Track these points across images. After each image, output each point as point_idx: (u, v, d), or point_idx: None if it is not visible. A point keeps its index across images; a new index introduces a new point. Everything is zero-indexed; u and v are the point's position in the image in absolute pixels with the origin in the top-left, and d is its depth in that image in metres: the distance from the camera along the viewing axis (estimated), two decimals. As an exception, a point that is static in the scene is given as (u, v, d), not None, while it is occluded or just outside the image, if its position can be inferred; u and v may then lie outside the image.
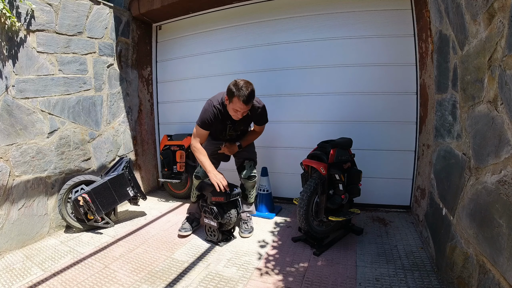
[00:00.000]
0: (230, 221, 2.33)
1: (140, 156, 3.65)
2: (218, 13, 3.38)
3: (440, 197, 1.91)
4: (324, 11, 2.93)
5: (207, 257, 2.15)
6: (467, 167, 1.44)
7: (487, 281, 1.17)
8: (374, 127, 2.88)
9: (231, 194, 2.27)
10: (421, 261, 1.97)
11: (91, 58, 2.96)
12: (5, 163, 2.22)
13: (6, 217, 2.22)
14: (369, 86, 2.85)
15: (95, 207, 2.54)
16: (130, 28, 3.44)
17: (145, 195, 2.98)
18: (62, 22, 2.64)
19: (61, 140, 2.67)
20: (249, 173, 2.55)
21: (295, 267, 1.99)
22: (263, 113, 2.43)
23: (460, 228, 1.50)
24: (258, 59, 3.22)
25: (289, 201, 3.20)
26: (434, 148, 2.14)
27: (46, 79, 2.55)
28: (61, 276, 1.93)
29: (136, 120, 3.59)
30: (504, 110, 1.08)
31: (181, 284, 1.82)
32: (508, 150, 1.06)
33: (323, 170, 2.14)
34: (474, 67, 1.35)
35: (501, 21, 1.07)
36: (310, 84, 3.04)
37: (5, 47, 2.23)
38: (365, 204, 2.96)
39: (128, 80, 3.45)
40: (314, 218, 2.23)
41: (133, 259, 2.15)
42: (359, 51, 2.85)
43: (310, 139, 2.90)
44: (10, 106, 2.28)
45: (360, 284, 1.76)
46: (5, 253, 2.22)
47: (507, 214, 1.05)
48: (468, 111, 1.46)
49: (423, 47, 2.51)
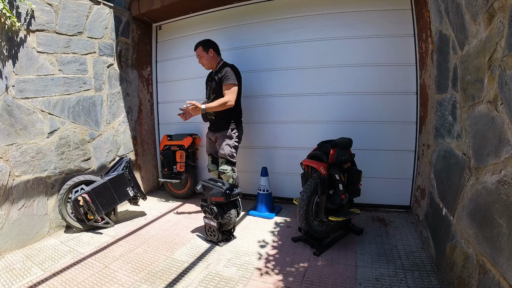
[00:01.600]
0: (230, 221, 2.33)
1: (140, 156, 3.65)
2: (218, 13, 3.38)
3: (440, 197, 1.91)
4: (324, 11, 2.93)
5: (207, 257, 2.15)
6: (467, 167, 1.45)
7: (487, 281, 1.17)
8: (374, 127, 2.88)
9: (231, 194, 2.27)
10: (421, 261, 1.97)
11: (91, 58, 2.96)
12: (5, 163, 2.22)
13: (6, 217, 2.22)
14: (369, 86, 2.85)
15: (95, 207, 2.54)
16: (130, 28, 3.45)
17: (145, 195, 2.98)
18: (62, 22, 2.64)
19: (61, 140, 2.67)
20: (220, 168, 2.76)
21: (295, 267, 1.99)
22: (225, 73, 2.65)
23: (460, 228, 1.50)
24: (258, 59, 3.22)
25: (289, 201, 3.19)
26: (434, 148, 2.14)
27: (46, 79, 2.55)
28: (61, 276, 1.93)
29: (136, 120, 3.59)
30: (504, 110, 1.08)
31: (181, 284, 1.82)
32: (508, 150, 1.06)
33: (323, 170, 2.14)
34: (474, 67, 1.35)
35: (501, 21, 1.07)
36: (310, 84, 3.04)
37: (5, 47, 2.23)
38: (365, 204, 2.96)
39: (128, 80, 3.45)
40: (314, 218, 2.23)
41: (133, 259, 2.15)
42: (359, 51, 2.85)
43: (310, 139, 2.90)
44: (10, 106, 2.28)
45: (360, 284, 1.76)
46: (5, 253, 2.22)
47: (507, 214, 1.05)
48: (468, 111, 1.46)
49: (423, 47, 2.51)
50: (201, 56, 2.76)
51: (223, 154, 2.73)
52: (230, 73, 2.64)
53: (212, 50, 2.75)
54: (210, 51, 2.74)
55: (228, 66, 2.70)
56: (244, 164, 3.44)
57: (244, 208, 3.05)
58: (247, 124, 3.35)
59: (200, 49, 2.75)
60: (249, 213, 2.99)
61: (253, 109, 3.30)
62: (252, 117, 3.31)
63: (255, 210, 3.00)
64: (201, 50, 2.74)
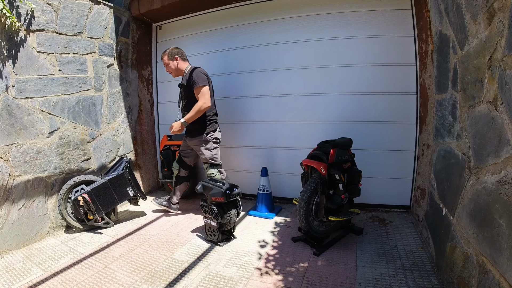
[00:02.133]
0: (230, 221, 2.33)
1: (140, 156, 3.65)
2: (218, 13, 3.38)
3: (440, 197, 1.91)
4: (324, 11, 2.93)
5: (207, 257, 2.15)
6: (467, 167, 1.45)
7: (487, 281, 1.17)
8: (374, 127, 2.88)
9: (231, 194, 2.27)
10: (421, 261, 1.97)
11: (91, 58, 2.96)
12: (5, 163, 2.22)
13: (6, 217, 2.22)
14: (369, 86, 2.85)
15: (95, 207, 2.54)
16: (130, 28, 3.45)
17: (145, 195, 2.98)
18: (62, 22, 2.64)
19: (61, 140, 2.67)
20: (206, 173, 2.82)
21: (295, 267, 1.99)
22: (191, 77, 2.67)
23: (460, 228, 1.50)
24: (258, 59, 3.22)
25: (289, 201, 3.20)
26: (434, 148, 2.14)
27: (46, 79, 2.55)
28: (61, 276, 1.93)
29: (136, 120, 3.59)
30: (504, 110, 1.08)
31: (181, 284, 1.82)
32: (508, 150, 1.06)
33: (323, 170, 2.14)
34: (474, 67, 1.35)
35: (501, 21, 1.07)
36: (310, 84, 3.04)
37: (5, 47, 2.23)
38: (365, 204, 2.96)
39: (128, 80, 3.45)
40: (314, 218, 2.23)
41: (133, 259, 2.15)
42: (359, 51, 2.85)
43: (310, 139, 2.90)
44: (10, 106, 2.27)
45: (360, 284, 1.76)
46: (5, 253, 2.22)
47: (507, 214, 1.05)
48: (468, 111, 1.46)
49: (423, 47, 2.51)
50: (167, 64, 2.77)
51: (204, 159, 2.79)
52: (197, 76, 2.65)
53: (177, 57, 2.76)
54: (175, 58, 2.75)
55: (194, 70, 2.71)
56: (244, 164, 3.44)
57: (244, 208, 3.05)
58: (247, 124, 3.36)
59: (166, 58, 2.77)
60: (249, 213, 2.99)
61: (253, 109, 3.30)
62: (252, 117, 3.31)
63: (255, 210, 3.00)
64: (166, 59, 2.77)
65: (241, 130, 3.40)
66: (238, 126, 3.40)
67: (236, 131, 3.41)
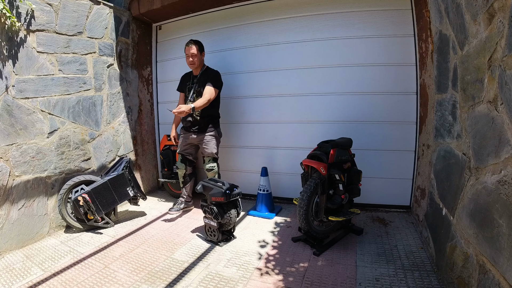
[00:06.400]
0: (230, 221, 2.33)
1: (140, 156, 3.65)
2: (218, 13, 3.38)
3: (440, 197, 1.91)
4: (324, 11, 2.93)
5: (207, 257, 2.15)
6: (467, 167, 1.45)
7: (487, 281, 1.17)
8: (374, 127, 2.88)
9: (231, 194, 2.27)
10: (421, 261, 1.97)
11: (91, 58, 2.96)
12: (5, 163, 2.22)
13: (6, 217, 2.22)
14: (369, 86, 2.85)
15: (95, 207, 2.54)
16: (130, 28, 3.44)
17: (145, 195, 2.98)
18: (62, 22, 2.64)
19: (61, 140, 2.67)
20: (207, 166, 2.93)
21: (295, 267, 1.99)
22: (214, 75, 2.84)
23: (460, 228, 1.50)
24: (258, 59, 3.22)
25: (289, 201, 3.19)
26: (434, 148, 2.14)
27: (46, 79, 2.55)
28: (61, 276, 1.93)
29: (136, 120, 3.59)
30: (504, 110, 1.08)
31: (181, 284, 1.82)
32: (508, 150, 1.06)
33: (323, 170, 2.14)
34: (474, 67, 1.35)
35: (501, 21, 1.07)
36: (310, 84, 3.04)
37: (5, 47, 2.23)
38: (365, 204, 2.96)
39: (128, 80, 3.45)
40: (314, 218, 2.23)
41: (133, 259, 2.15)
42: (359, 51, 2.85)
43: (310, 139, 2.90)
44: (10, 106, 2.28)
45: (360, 284, 1.76)
46: (5, 253, 2.22)
47: (507, 214, 1.05)
48: (468, 111, 1.46)
49: (423, 47, 2.51)
50: (195, 55, 2.81)
51: (211, 153, 2.90)
52: (219, 78, 2.86)
53: (204, 53, 2.89)
54: (203, 54, 2.88)
55: (214, 70, 2.89)
56: (244, 164, 3.44)
57: (244, 208, 3.05)
58: (247, 124, 3.36)
59: (196, 48, 2.81)
60: (249, 213, 2.99)
61: (253, 109, 3.30)
62: (252, 117, 3.31)
63: (255, 210, 3.00)
64: (196, 49, 2.81)
65: (241, 130, 3.40)
66: (238, 126, 3.40)
67: (236, 131, 3.41)
